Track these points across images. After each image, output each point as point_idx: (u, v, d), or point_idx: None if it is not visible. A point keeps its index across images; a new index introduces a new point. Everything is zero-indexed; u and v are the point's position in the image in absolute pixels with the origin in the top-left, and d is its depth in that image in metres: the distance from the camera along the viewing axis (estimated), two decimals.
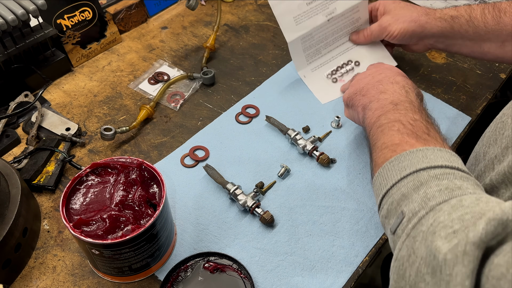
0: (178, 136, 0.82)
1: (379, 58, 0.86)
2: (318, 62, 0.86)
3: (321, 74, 0.85)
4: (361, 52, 0.87)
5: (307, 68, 0.85)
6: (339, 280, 0.63)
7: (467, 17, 0.74)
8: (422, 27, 0.77)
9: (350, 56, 0.87)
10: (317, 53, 0.85)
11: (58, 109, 0.86)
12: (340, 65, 0.86)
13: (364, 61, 0.86)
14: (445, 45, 0.80)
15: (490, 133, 0.59)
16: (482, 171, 0.57)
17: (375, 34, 0.83)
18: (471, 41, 0.76)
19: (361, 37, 0.86)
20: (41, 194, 0.73)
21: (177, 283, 0.62)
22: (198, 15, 1.08)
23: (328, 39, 0.85)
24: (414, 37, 0.79)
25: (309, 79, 0.85)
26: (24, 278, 0.64)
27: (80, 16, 0.91)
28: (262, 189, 0.72)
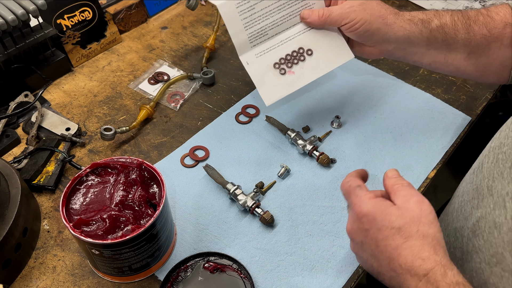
0: (178, 136, 0.82)
1: (335, 47, 0.72)
2: (264, 46, 0.70)
3: (267, 61, 0.70)
4: (314, 39, 0.72)
5: (251, 53, 0.70)
6: (339, 280, 0.63)
7: (438, 22, 0.66)
8: (388, 27, 0.66)
9: (302, 43, 0.71)
10: (262, 34, 0.70)
11: (58, 109, 0.86)
12: (289, 52, 0.71)
13: (317, 50, 0.72)
14: (405, 52, 0.69)
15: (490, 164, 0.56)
16: (491, 208, 0.53)
17: (333, 18, 0.67)
18: (436, 50, 0.68)
19: (314, 16, 0.69)
20: (41, 194, 0.73)
21: (177, 283, 0.62)
22: (198, 15, 1.08)
23: (274, 17, 0.70)
24: (376, 36, 0.66)
25: (253, 68, 0.70)
26: (24, 278, 0.64)
27: (80, 16, 0.91)
28: (262, 189, 0.72)
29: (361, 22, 0.65)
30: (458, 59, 0.67)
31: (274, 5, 0.69)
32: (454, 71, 0.70)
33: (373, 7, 0.66)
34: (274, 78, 0.70)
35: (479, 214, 0.57)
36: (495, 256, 0.52)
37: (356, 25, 0.66)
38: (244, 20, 0.68)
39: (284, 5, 0.70)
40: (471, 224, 0.59)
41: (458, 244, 0.64)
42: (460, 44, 0.66)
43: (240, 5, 0.67)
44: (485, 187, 0.57)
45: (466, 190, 0.63)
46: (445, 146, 0.79)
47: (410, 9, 1.07)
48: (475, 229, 0.58)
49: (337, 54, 0.72)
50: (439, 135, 0.80)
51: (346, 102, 0.86)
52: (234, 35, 0.68)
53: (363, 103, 0.86)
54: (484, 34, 0.64)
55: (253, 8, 0.68)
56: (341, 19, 0.67)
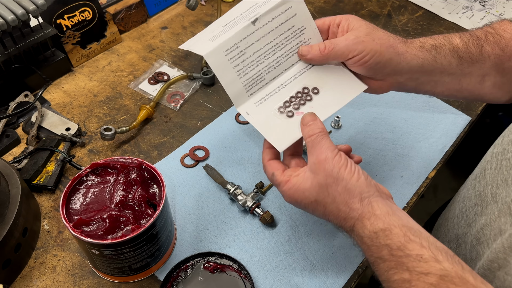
0: (178, 136, 0.82)
1: (342, 81, 0.63)
2: (263, 92, 0.61)
3: (270, 108, 0.61)
4: (318, 76, 0.63)
5: (250, 102, 0.61)
6: (339, 280, 0.63)
7: (449, 46, 0.60)
8: (401, 57, 0.58)
9: (305, 82, 0.62)
10: (259, 79, 0.61)
11: (58, 109, 0.86)
12: (294, 94, 0.62)
13: (324, 88, 0.62)
14: (417, 83, 0.63)
15: (493, 170, 0.56)
16: (496, 215, 0.53)
17: (339, 51, 0.58)
18: (450, 77, 0.62)
19: (314, 52, 0.60)
20: (41, 194, 0.73)
21: (177, 283, 0.62)
22: (198, 15, 1.08)
23: (270, 60, 0.61)
24: (388, 68, 0.59)
25: (255, 117, 0.60)
26: (24, 278, 0.64)
27: (80, 16, 0.91)
28: (262, 189, 0.72)
29: (372, 53, 0.57)
30: (473, 83, 0.63)
31: (268, 46, 0.61)
32: (468, 96, 0.65)
33: (381, 36, 0.58)
34: (282, 123, 0.61)
35: (483, 221, 0.57)
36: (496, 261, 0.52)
37: (365, 58, 0.57)
38: (236, 67, 0.60)
39: (278, 45, 0.62)
40: (475, 231, 0.59)
41: (461, 251, 0.63)
42: (475, 67, 0.61)
43: (229, 52, 0.59)
44: (489, 194, 0.56)
45: (467, 196, 0.63)
46: (445, 146, 0.79)
47: (410, 9, 1.07)
48: (480, 237, 0.57)
49: (346, 88, 0.63)
50: (439, 135, 0.80)
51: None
52: (228, 86, 0.60)
53: (363, 103, 0.86)
54: (498, 54, 0.61)
55: (244, 53, 0.60)
56: (348, 52, 0.58)
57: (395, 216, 0.50)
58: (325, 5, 1.10)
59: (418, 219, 0.53)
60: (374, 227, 0.49)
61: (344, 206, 0.52)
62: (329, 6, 1.10)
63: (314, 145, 0.54)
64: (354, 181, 0.52)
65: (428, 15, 1.06)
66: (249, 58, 0.60)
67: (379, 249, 0.48)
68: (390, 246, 0.48)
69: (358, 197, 0.51)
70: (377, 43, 0.57)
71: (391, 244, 0.48)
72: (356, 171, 0.53)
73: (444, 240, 0.70)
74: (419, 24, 1.03)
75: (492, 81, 0.62)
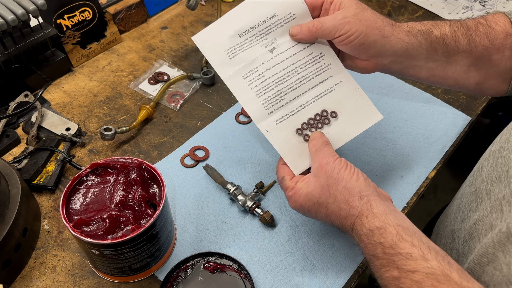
0: (178, 136, 0.82)
1: (360, 107, 0.65)
2: (283, 111, 0.63)
3: (289, 128, 0.63)
4: (337, 99, 0.65)
5: (269, 120, 0.62)
6: (339, 280, 0.63)
7: (437, 33, 0.61)
8: (386, 39, 0.60)
9: (325, 105, 0.64)
10: (278, 99, 0.63)
11: (58, 109, 0.86)
12: (312, 116, 0.63)
13: (342, 112, 0.64)
14: (402, 66, 0.64)
15: (489, 167, 0.57)
16: (488, 211, 0.55)
17: (326, 30, 0.60)
18: (435, 63, 0.63)
19: (304, 31, 0.62)
20: (41, 194, 0.73)
21: (177, 283, 0.62)
22: (198, 15, 1.08)
23: (289, 81, 0.63)
24: (372, 49, 0.60)
25: (274, 135, 0.62)
26: (24, 278, 0.64)
27: (80, 16, 0.91)
28: (262, 189, 0.72)
29: (356, 34, 0.59)
30: (457, 72, 0.64)
31: (287, 69, 0.63)
32: (453, 84, 0.66)
33: (368, 17, 0.60)
34: (298, 146, 0.63)
35: (476, 216, 0.58)
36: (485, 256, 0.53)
37: (350, 38, 0.59)
38: (254, 88, 0.63)
39: (297, 68, 0.64)
40: (468, 227, 0.59)
41: (454, 246, 0.64)
42: (461, 56, 0.62)
43: (247, 76, 0.63)
44: (484, 191, 0.57)
45: (465, 193, 0.63)
46: (445, 146, 0.79)
47: (410, 9, 1.07)
48: (472, 231, 0.58)
49: (364, 116, 0.65)
50: (439, 135, 0.80)
51: None
52: (246, 104, 0.62)
53: None
54: (486, 45, 0.61)
55: (263, 76, 0.63)
56: (334, 31, 0.59)
57: (391, 215, 0.51)
58: None
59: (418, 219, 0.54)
60: (370, 225, 0.51)
61: (345, 205, 0.54)
62: None
63: (317, 152, 0.58)
64: (354, 181, 0.54)
65: (428, 15, 1.06)
66: (268, 80, 0.63)
67: (374, 247, 0.50)
68: (383, 244, 0.49)
69: (357, 195, 0.53)
70: (363, 24, 0.59)
71: (384, 242, 0.49)
72: (356, 172, 0.55)
73: (442, 235, 0.71)
74: None
75: (478, 72, 0.63)
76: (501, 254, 0.50)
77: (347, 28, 0.58)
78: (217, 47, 0.63)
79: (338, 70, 0.65)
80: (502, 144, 0.56)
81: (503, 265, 0.49)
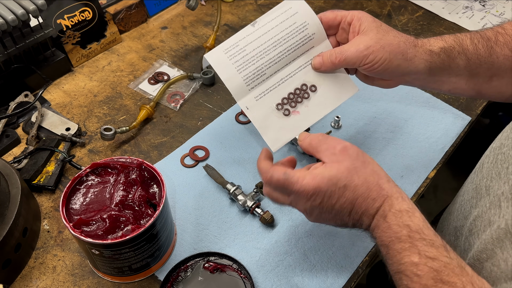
0: (178, 136, 0.82)
1: (339, 81, 0.66)
2: (263, 87, 0.63)
3: (268, 104, 0.64)
4: (317, 74, 0.66)
5: (250, 96, 0.63)
6: (339, 280, 0.63)
7: (459, 48, 0.61)
8: (409, 62, 0.60)
9: (304, 79, 0.65)
10: (259, 74, 0.63)
11: (58, 109, 0.86)
12: (292, 91, 0.64)
13: (321, 85, 0.65)
14: (425, 82, 0.65)
15: (489, 164, 0.57)
16: (487, 207, 0.55)
17: (350, 61, 0.60)
18: (457, 77, 0.63)
19: (327, 63, 0.62)
20: (41, 194, 0.73)
21: (177, 283, 0.62)
22: (198, 15, 1.08)
23: (270, 55, 0.63)
24: (396, 72, 0.61)
25: (254, 112, 0.63)
26: (24, 278, 0.64)
27: (80, 16, 0.91)
28: (262, 189, 0.72)
29: (380, 62, 0.59)
30: (480, 83, 0.64)
31: (268, 42, 0.63)
32: (474, 95, 0.67)
33: (391, 42, 0.60)
34: (278, 121, 0.64)
35: (476, 213, 0.58)
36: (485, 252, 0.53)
37: (375, 65, 0.60)
38: (235, 63, 0.62)
39: (280, 40, 0.63)
40: (469, 223, 0.60)
41: (458, 243, 0.64)
42: (483, 68, 0.62)
43: (228, 50, 0.62)
44: (484, 187, 0.57)
45: (466, 190, 0.64)
46: (445, 146, 0.79)
47: (410, 9, 1.07)
48: (472, 228, 0.58)
49: (342, 89, 0.66)
50: (439, 135, 0.80)
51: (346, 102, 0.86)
52: (227, 81, 0.62)
53: (363, 103, 0.86)
54: (506, 55, 0.61)
55: (244, 50, 0.63)
56: (358, 62, 0.60)
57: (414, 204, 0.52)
58: (325, 5, 1.10)
59: None
60: (400, 206, 0.51)
61: (375, 186, 0.53)
62: (329, 6, 1.10)
63: (321, 143, 0.55)
64: (377, 165, 0.54)
65: (428, 15, 1.06)
66: (249, 55, 0.62)
67: (400, 228, 0.50)
68: (410, 227, 0.49)
69: (385, 178, 0.53)
70: (386, 51, 0.59)
71: (411, 225, 0.49)
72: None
73: (446, 233, 0.71)
74: (419, 24, 1.03)
75: (499, 82, 0.63)
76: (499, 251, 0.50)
77: (372, 57, 0.59)
78: None
79: (320, 39, 0.65)
80: (503, 141, 0.56)
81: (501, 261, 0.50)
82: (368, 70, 0.61)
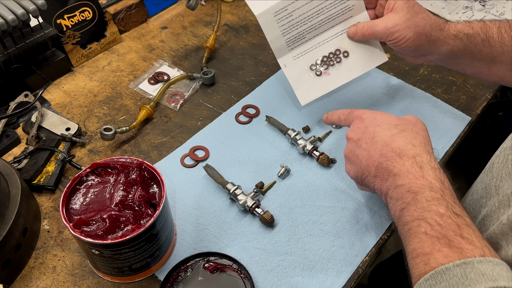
0: (178, 136, 0.82)
1: (370, 49, 0.75)
2: (301, 48, 0.72)
3: (304, 63, 0.73)
4: (351, 41, 0.74)
5: (289, 56, 0.72)
6: (339, 280, 0.63)
7: (483, 35, 0.66)
8: (432, 44, 0.67)
9: (339, 44, 0.73)
10: (300, 37, 0.72)
11: (58, 109, 0.86)
12: (326, 54, 0.73)
13: (354, 52, 0.74)
14: (448, 63, 0.71)
15: (499, 164, 0.57)
16: (496, 206, 0.56)
17: (378, 35, 0.69)
18: (480, 62, 0.68)
19: (359, 34, 0.71)
20: (41, 194, 0.73)
21: (177, 283, 0.62)
22: (198, 15, 1.08)
23: (313, 22, 0.71)
24: (419, 51, 0.68)
25: (290, 69, 0.73)
26: (24, 278, 0.64)
27: (80, 16, 0.91)
28: (262, 189, 0.72)
29: (404, 40, 0.66)
30: (503, 70, 0.68)
31: (313, 10, 0.71)
32: (498, 81, 0.71)
33: (417, 23, 0.66)
34: (309, 80, 0.73)
35: (484, 212, 0.59)
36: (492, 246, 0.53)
37: (399, 42, 0.67)
38: (282, 27, 0.70)
39: (323, 9, 0.71)
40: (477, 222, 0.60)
41: None
42: (506, 56, 0.66)
43: (278, 13, 0.69)
44: (493, 187, 0.58)
45: (476, 189, 0.64)
46: (445, 146, 0.79)
47: None
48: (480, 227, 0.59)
49: (372, 56, 0.74)
50: (439, 135, 0.80)
51: (346, 102, 0.86)
52: (272, 41, 0.71)
53: (363, 103, 0.86)
54: None
55: (291, 15, 0.70)
56: (385, 36, 0.68)
57: None
58: None
59: None
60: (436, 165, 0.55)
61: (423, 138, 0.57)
62: None
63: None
64: None
65: None
66: (295, 20, 0.71)
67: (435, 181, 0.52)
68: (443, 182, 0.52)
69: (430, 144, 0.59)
70: (412, 31, 0.65)
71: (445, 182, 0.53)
72: None
73: None
74: None
75: None
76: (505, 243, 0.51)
77: (397, 35, 0.66)
78: None
79: (358, 11, 0.72)
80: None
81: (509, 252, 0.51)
82: (394, 46, 0.68)
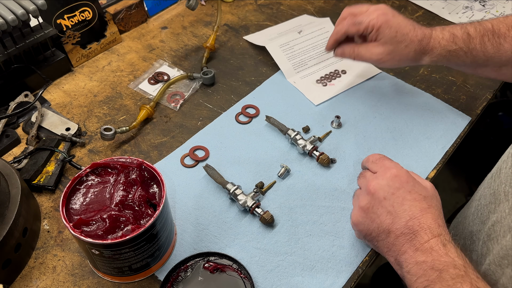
0: (178, 136, 0.82)
1: (363, 65, 0.92)
2: (306, 72, 0.92)
3: (310, 80, 0.90)
4: (346, 63, 0.94)
5: (297, 76, 0.91)
6: (339, 280, 0.63)
7: (466, 49, 0.70)
8: (418, 62, 0.74)
9: (336, 66, 0.93)
10: (303, 64, 0.93)
11: (58, 109, 0.86)
12: (328, 73, 0.92)
13: (350, 71, 0.92)
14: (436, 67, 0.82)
15: (508, 170, 0.57)
16: (507, 212, 0.56)
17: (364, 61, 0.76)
18: (465, 67, 0.74)
19: (346, 55, 0.77)
20: (41, 194, 0.73)
21: (177, 283, 0.62)
22: (198, 15, 1.08)
23: (309, 54, 0.94)
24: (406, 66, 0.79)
25: (300, 85, 0.90)
26: (24, 278, 0.64)
27: (80, 16, 0.91)
28: (262, 189, 0.72)
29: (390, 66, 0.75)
30: (488, 71, 0.73)
31: (309, 46, 0.95)
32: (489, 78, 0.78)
33: (401, 53, 0.71)
34: (318, 89, 0.89)
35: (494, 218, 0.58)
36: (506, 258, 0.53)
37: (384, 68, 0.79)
38: (286, 55, 0.93)
39: (317, 44, 0.96)
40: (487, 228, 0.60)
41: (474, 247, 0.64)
42: (490, 62, 0.70)
43: (282, 46, 0.94)
44: (502, 192, 0.58)
45: (483, 195, 0.64)
46: (445, 146, 0.79)
47: (410, 9, 1.08)
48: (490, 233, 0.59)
49: (367, 71, 0.92)
50: (439, 135, 0.80)
51: (346, 102, 0.86)
52: (281, 64, 0.92)
53: (363, 103, 0.86)
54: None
55: (292, 48, 0.94)
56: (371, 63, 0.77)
57: None
58: (325, 5, 1.10)
59: None
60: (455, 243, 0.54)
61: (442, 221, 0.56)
62: (329, 6, 1.10)
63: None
64: None
65: (428, 15, 1.06)
66: (295, 51, 0.94)
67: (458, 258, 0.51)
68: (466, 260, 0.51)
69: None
70: (396, 60, 0.72)
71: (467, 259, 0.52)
72: None
73: (461, 237, 0.72)
74: None
75: (508, 70, 0.70)
76: None
77: (382, 65, 0.74)
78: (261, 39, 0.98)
79: None
80: None
81: None
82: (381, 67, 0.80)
